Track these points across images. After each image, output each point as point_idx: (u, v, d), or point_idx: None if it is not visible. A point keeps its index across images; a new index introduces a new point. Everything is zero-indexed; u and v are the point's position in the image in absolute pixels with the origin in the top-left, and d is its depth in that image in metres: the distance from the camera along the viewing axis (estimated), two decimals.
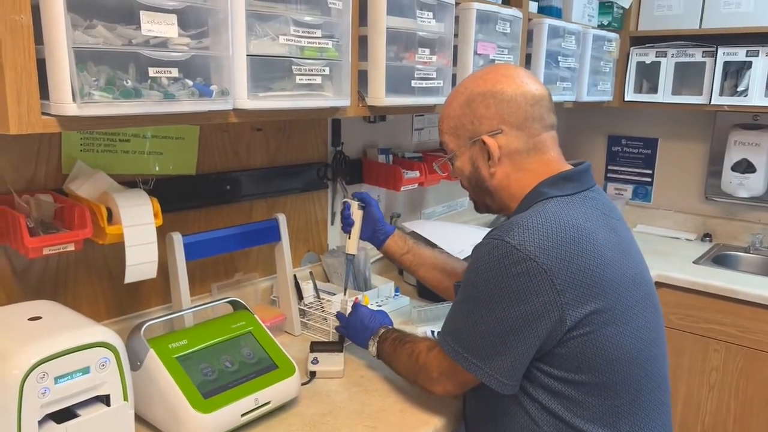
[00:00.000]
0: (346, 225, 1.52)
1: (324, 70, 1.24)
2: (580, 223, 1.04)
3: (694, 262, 2.36)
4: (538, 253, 0.98)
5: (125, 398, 1.01)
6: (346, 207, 1.51)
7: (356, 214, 1.50)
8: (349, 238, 1.51)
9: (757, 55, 2.27)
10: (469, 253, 1.72)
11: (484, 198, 1.20)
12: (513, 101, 1.10)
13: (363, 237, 1.52)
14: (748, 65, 2.30)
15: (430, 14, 1.48)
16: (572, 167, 1.14)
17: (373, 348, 1.33)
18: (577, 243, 1.01)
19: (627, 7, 2.53)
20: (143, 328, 1.15)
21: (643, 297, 1.10)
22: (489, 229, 2.14)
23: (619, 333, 1.04)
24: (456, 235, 1.88)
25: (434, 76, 1.53)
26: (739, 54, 2.32)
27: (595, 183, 1.16)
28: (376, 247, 1.54)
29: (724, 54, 2.34)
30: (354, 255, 1.51)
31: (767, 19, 2.30)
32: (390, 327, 1.36)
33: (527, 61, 1.99)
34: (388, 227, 1.53)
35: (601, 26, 2.43)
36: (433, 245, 1.70)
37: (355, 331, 1.39)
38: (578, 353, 1.02)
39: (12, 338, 0.94)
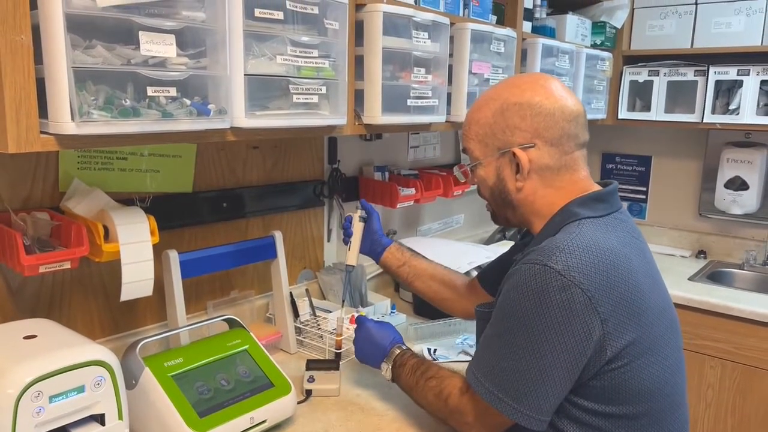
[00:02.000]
0: (346, 236, 1.51)
1: (321, 89, 1.25)
2: (617, 248, 0.99)
3: (689, 279, 2.37)
4: (582, 279, 0.93)
5: (120, 417, 1.01)
6: (347, 220, 1.51)
7: (357, 227, 1.49)
8: (349, 249, 1.49)
9: (748, 74, 2.30)
10: (466, 270, 1.73)
11: (504, 210, 1.15)
12: (550, 116, 1.05)
13: (362, 250, 1.50)
14: (739, 84, 2.34)
15: (426, 34, 1.50)
16: (600, 187, 1.11)
17: (387, 372, 1.27)
18: (616, 269, 0.97)
19: (619, 26, 2.57)
20: (139, 347, 1.15)
21: (670, 325, 1.07)
22: (484, 246, 2.15)
23: (651, 364, 1.00)
24: (452, 252, 1.88)
25: (429, 95, 1.54)
26: (731, 73, 2.35)
27: (622, 204, 1.13)
28: (375, 260, 1.52)
29: (716, 73, 2.38)
30: (353, 267, 1.50)
31: (757, 38, 2.34)
32: (403, 347, 1.29)
33: None
34: (386, 240, 1.51)
35: (594, 45, 2.47)
36: None
37: (363, 349, 1.33)
38: (613, 386, 0.98)
39: (7, 357, 0.93)
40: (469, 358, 1.58)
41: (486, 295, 1.39)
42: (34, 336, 1.00)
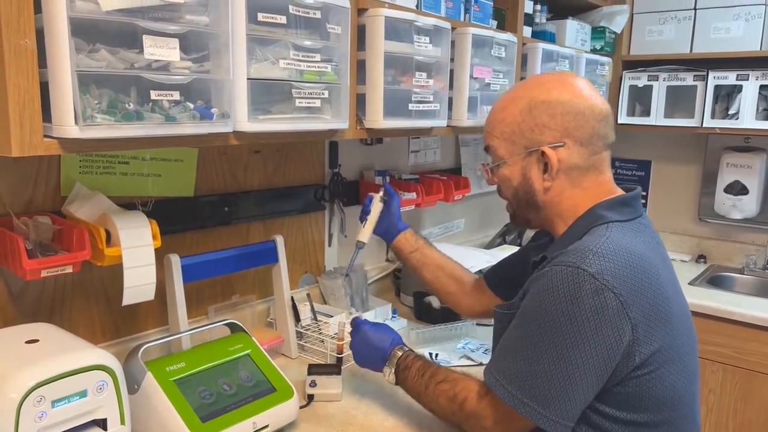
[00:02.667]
0: (364, 213, 1.50)
1: (323, 94, 1.25)
2: (645, 254, 0.98)
3: (689, 284, 2.37)
4: (615, 283, 0.92)
5: (122, 422, 1.00)
6: (367, 198, 1.51)
7: (376, 206, 1.49)
8: (363, 226, 1.49)
9: (747, 79, 2.31)
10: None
11: (527, 211, 1.12)
12: (581, 115, 1.03)
13: (377, 231, 1.49)
14: (738, 89, 2.34)
15: (427, 39, 1.50)
16: (623, 191, 1.10)
17: (390, 376, 1.23)
18: (646, 274, 0.95)
19: (619, 32, 2.58)
20: (141, 351, 1.15)
21: (689, 332, 1.06)
22: (487, 251, 2.15)
23: (674, 372, 0.99)
24: (453, 256, 1.88)
25: (431, 99, 1.54)
26: (730, 78, 2.36)
27: (644, 210, 1.11)
28: (387, 242, 1.52)
29: (715, 78, 2.39)
30: (364, 243, 1.48)
31: (756, 43, 2.35)
32: (404, 348, 1.26)
33: None
34: (402, 224, 1.50)
35: (593, 50, 2.47)
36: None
37: (361, 353, 1.29)
38: (637, 393, 0.96)
39: (9, 361, 0.93)
40: (471, 363, 1.59)
41: (491, 295, 1.39)
42: (36, 340, 1.00)
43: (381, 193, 1.49)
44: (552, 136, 1.04)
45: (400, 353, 1.24)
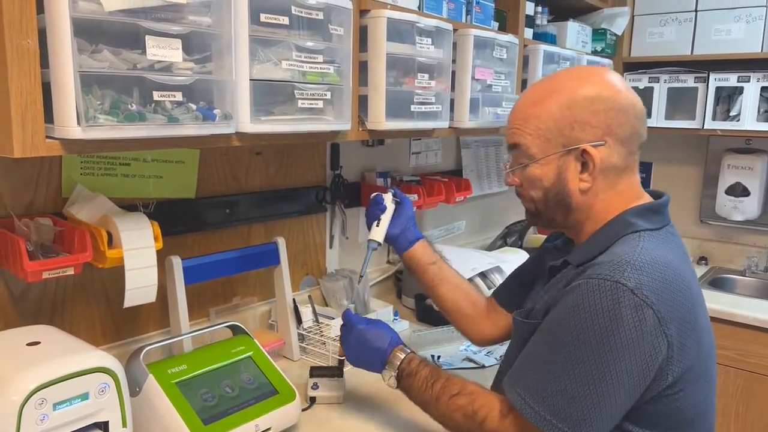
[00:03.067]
0: (378, 210, 1.36)
1: (325, 95, 1.25)
2: (678, 266, 0.93)
3: None
4: (654, 299, 0.87)
5: (124, 425, 1.00)
6: (377, 196, 1.39)
7: (389, 206, 1.38)
8: (377, 225, 1.36)
9: (749, 81, 2.31)
10: (470, 277, 1.72)
11: (555, 213, 1.04)
12: (624, 112, 0.97)
13: (391, 232, 1.37)
14: (739, 90, 2.34)
15: (429, 40, 1.50)
16: (650, 196, 1.05)
17: (391, 380, 1.15)
18: (680, 288, 0.91)
19: (620, 33, 2.58)
20: (142, 353, 1.14)
21: (711, 345, 1.02)
22: (489, 253, 2.14)
23: (701, 388, 0.96)
24: (455, 258, 1.87)
25: (433, 100, 1.54)
26: (731, 79, 2.36)
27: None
28: (397, 250, 1.39)
29: (716, 79, 2.38)
30: (379, 243, 1.35)
31: (757, 45, 2.35)
32: (406, 350, 1.17)
33: (523, 86, 2.01)
34: (418, 232, 1.39)
35: (594, 52, 2.47)
36: None
37: (356, 351, 1.20)
38: (666, 411, 0.93)
39: (10, 363, 0.92)
40: (473, 365, 1.59)
41: (506, 314, 1.29)
42: (37, 342, 1.00)
43: (391, 194, 1.39)
44: (593, 134, 0.97)
45: (402, 356, 1.15)
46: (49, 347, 0.99)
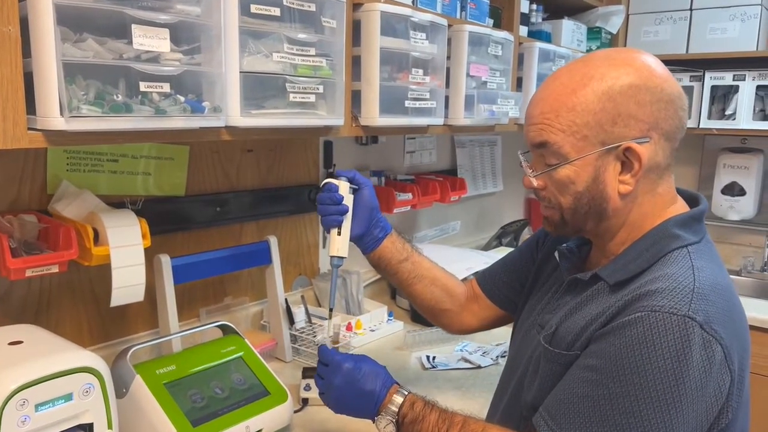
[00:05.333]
0: (337, 213, 1.10)
1: (318, 89, 1.22)
2: (731, 287, 0.85)
3: None
4: (722, 333, 0.78)
5: (110, 427, 0.96)
6: (331, 188, 1.10)
7: (347, 200, 1.11)
8: (339, 233, 1.10)
9: (744, 80, 2.30)
10: (464, 277, 1.70)
11: (584, 221, 0.90)
12: (671, 103, 0.84)
13: (355, 233, 1.13)
14: (735, 89, 2.33)
15: (423, 35, 1.48)
16: (685, 200, 0.95)
17: (388, 428, 0.97)
18: (738, 315, 0.84)
19: (615, 32, 2.57)
20: (129, 353, 1.11)
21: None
22: (484, 253, 2.12)
23: (744, 416, 0.88)
24: (449, 258, 1.85)
25: (428, 96, 1.52)
26: (726, 78, 2.35)
27: None
28: (363, 250, 1.18)
29: (712, 78, 2.38)
30: (343, 259, 1.12)
31: (752, 44, 2.34)
32: (403, 391, 0.99)
33: (518, 84, 2.00)
34: (386, 223, 1.18)
35: (590, 51, 2.46)
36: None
37: (342, 397, 1.02)
38: None
39: None
40: (469, 365, 1.56)
41: (488, 303, 1.21)
42: (19, 342, 0.96)
43: (347, 184, 1.12)
44: (639, 129, 0.83)
45: (400, 399, 0.97)
46: (31, 347, 0.95)
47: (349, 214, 1.13)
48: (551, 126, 0.86)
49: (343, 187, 1.11)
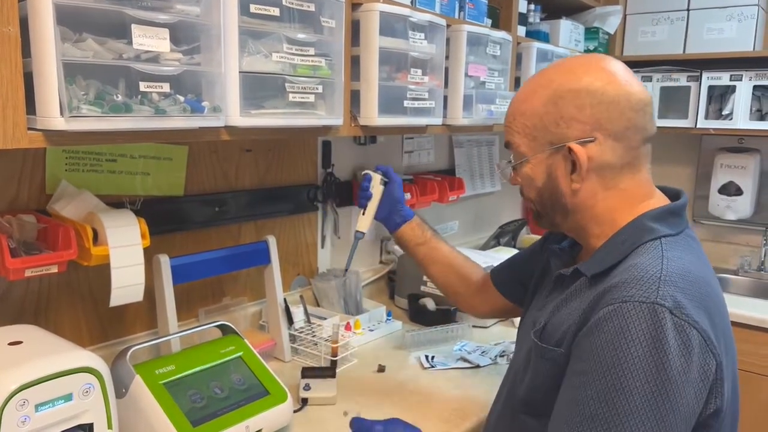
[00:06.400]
0: (363, 198, 1.35)
1: (317, 89, 1.22)
2: (707, 276, 0.87)
3: None
4: (697, 318, 0.79)
5: (110, 427, 0.96)
6: (366, 179, 1.36)
7: (376, 189, 1.35)
8: (363, 213, 1.35)
9: (741, 80, 2.31)
10: None
11: (554, 215, 0.98)
12: (614, 104, 0.89)
13: (378, 216, 1.36)
14: (732, 89, 2.34)
15: (422, 35, 1.48)
16: (663, 194, 0.99)
17: None
18: (713, 302, 0.84)
19: (612, 32, 2.57)
20: (129, 353, 1.11)
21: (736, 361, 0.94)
22: (483, 252, 2.12)
23: (730, 415, 0.89)
24: None
25: (426, 96, 1.52)
26: (723, 78, 2.36)
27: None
28: (389, 230, 1.38)
29: (709, 78, 2.38)
30: (364, 234, 1.35)
31: (749, 44, 2.35)
32: None
33: (517, 84, 2.00)
34: (408, 211, 1.36)
35: (587, 51, 2.46)
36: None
37: None
38: None
39: None
40: (468, 365, 1.56)
41: (496, 293, 1.29)
42: (19, 342, 0.96)
43: (380, 175, 1.36)
44: (580, 130, 0.90)
45: None
46: (31, 347, 0.95)
47: (374, 200, 1.35)
48: (511, 128, 0.98)
49: (376, 179, 1.35)
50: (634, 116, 0.90)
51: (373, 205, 1.35)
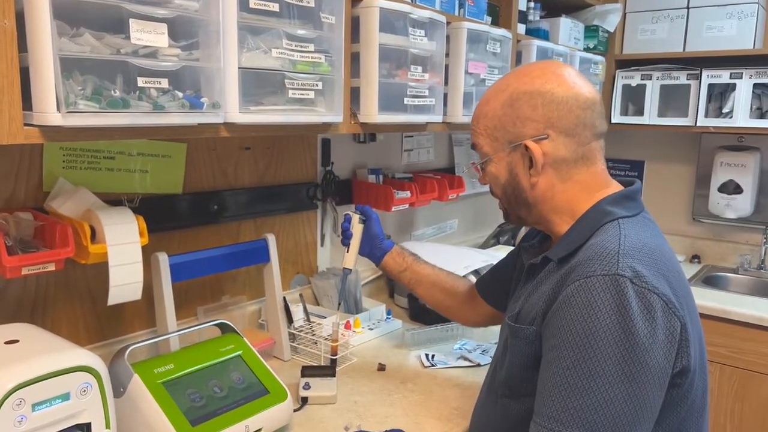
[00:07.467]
0: (345, 238, 1.43)
1: (317, 85, 1.21)
2: (663, 248, 0.94)
3: None
4: (657, 284, 0.85)
5: (107, 426, 0.95)
6: (346, 219, 1.43)
7: (356, 228, 1.42)
8: (348, 251, 1.42)
9: (741, 78, 2.30)
10: (464, 274, 1.69)
11: (518, 209, 1.06)
12: (563, 104, 0.97)
13: (362, 252, 1.44)
14: (732, 87, 2.33)
15: (422, 32, 1.47)
16: (623, 185, 1.04)
17: None
18: (671, 270, 0.90)
19: (612, 30, 2.57)
20: (127, 352, 1.10)
21: (702, 336, 1.00)
22: (482, 251, 2.11)
23: (700, 379, 0.93)
24: (448, 256, 1.85)
25: (426, 94, 1.51)
26: (723, 76, 2.35)
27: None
28: (374, 263, 1.46)
29: (708, 76, 2.37)
30: (350, 270, 1.43)
31: (749, 42, 2.34)
32: None
33: None
34: (386, 243, 1.44)
35: (587, 49, 2.46)
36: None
37: None
38: (680, 400, 0.89)
39: None
40: (468, 363, 1.55)
41: (484, 303, 1.34)
42: (16, 341, 0.95)
43: (358, 214, 1.43)
44: (534, 128, 0.98)
45: None
46: (28, 345, 0.94)
47: (356, 238, 1.41)
48: (476, 130, 1.06)
49: (355, 219, 1.42)
50: (583, 114, 0.98)
51: (355, 243, 1.42)
